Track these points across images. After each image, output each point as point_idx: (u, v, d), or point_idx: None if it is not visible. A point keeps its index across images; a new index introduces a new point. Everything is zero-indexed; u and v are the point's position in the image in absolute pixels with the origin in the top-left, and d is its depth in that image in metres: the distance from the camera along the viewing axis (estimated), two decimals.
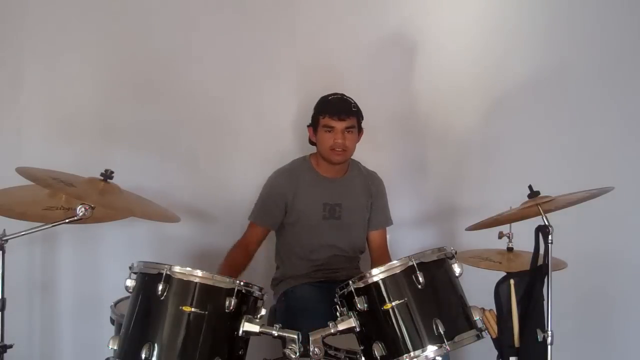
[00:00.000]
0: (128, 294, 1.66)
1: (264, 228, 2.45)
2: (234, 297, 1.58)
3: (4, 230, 1.78)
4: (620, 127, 2.90)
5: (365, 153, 2.58)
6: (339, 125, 2.34)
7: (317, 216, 2.42)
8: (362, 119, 2.43)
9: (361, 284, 1.65)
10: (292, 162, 2.52)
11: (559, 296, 1.72)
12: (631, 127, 2.91)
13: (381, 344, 1.61)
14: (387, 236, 2.59)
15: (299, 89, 2.77)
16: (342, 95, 2.40)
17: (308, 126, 2.46)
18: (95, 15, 2.65)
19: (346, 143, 2.36)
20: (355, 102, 2.39)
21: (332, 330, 1.65)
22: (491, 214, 1.93)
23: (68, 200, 1.91)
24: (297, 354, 1.60)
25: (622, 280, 2.89)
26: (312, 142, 2.47)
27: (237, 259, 2.35)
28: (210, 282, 1.61)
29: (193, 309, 1.57)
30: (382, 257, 2.48)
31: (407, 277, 1.62)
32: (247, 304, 1.65)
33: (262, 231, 2.45)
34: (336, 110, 2.35)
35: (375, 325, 1.64)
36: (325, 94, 2.43)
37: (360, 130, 2.43)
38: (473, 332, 1.64)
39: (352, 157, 2.51)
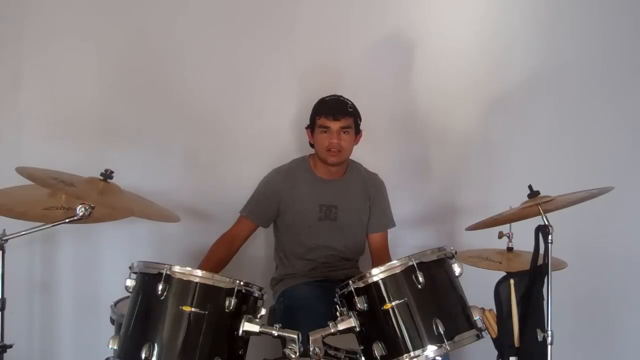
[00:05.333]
0: (128, 294, 1.66)
1: (253, 223, 2.46)
2: (234, 297, 1.58)
3: (4, 230, 1.78)
4: (620, 127, 2.90)
5: (365, 153, 2.59)
6: (334, 125, 2.34)
7: (313, 217, 2.42)
8: (360, 121, 2.43)
9: (361, 284, 1.65)
10: (291, 162, 2.53)
11: (559, 296, 1.72)
12: (631, 127, 2.91)
13: (381, 344, 1.61)
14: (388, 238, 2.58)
15: (298, 89, 2.77)
16: (340, 96, 2.41)
17: (306, 128, 2.46)
18: (95, 16, 2.65)
19: (342, 143, 2.36)
20: (352, 103, 2.40)
21: (332, 330, 1.65)
22: (491, 214, 1.93)
23: (68, 200, 1.91)
24: (297, 354, 1.60)
25: (622, 280, 2.88)
26: (312, 145, 2.47)
27: (220, 254, 2.38)
28: (210, 282, 1.61)
29: (193, 309, 1.57)
30: (382, 260, 2.47)
31: (407, 277, 1.62)
32: (247, 304, 1.65)
33: (251, 226, 2.46)
34: (331, 111, 2.35)
35: (375, 325, 1.63)
36: (325, 94, 2.43)
37: (358, 132, 2.43)
38: (473, 332, 1.64)
39: (353, 159, 2.51)
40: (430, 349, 1.57)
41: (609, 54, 2.89)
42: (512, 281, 1.75)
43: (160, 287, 1.56)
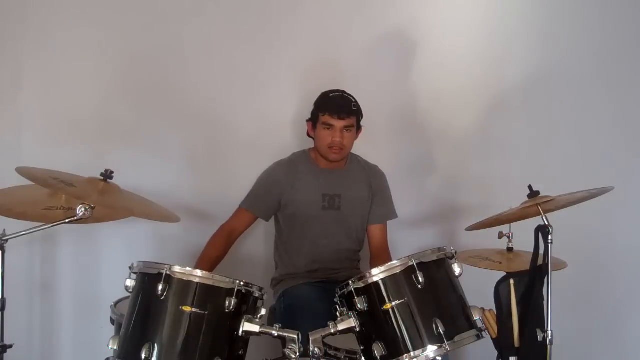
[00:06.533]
0: (128, 294, 1.66)
1: (253, 216, 2.46)
2: (234, 297, 1.58)
3: (4, 230, 1.78)
4: (620, 127, 2.90)
5: (365, 151, 2.59)
6: (338, 124, 2.34)
7: (317, 207, 2.42)
8: (362, 117, 2.43)
9: (361, 284, 1.65)
10: (291, 155, 2.54)
11: (559, 296, 1.72)
12: (631, 127, 2.91)
13: (381, 344, 1.60)
14: (387, 235, 2.58)
15: (299, 87, 2.77)
16: (343, 92, 2.40)
17: (307, 121, 2.46)
18: (94, 15, 2.65)
19: (344, 142, 2.36)
20: (355, 101, 2.39)
21: (332, 330, 1.65)
22: (491, 214, 1.93)
23: (68, 200, 1.91)
24: (297, 354, 1.60)
25: (622, 280, 2.89)
26: (309, 136, 2.47)
27: (218, 250, 2.38)
28: (210, 282, 1.61)
29: (193, 309, 1.57)
30: (381, 254, 2.48)
31: (407, 277, 1.62)
32: (247, 304, 1.65)
33: (250, 218, 2.46)
34: (336, 109, 2.34)
35: (375, 325, 1.63)
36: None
37: (359, 129, 2.44)
38: (473, 332, 1.64)
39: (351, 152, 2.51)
40: (431, 349, 1.57)
41: (609, 53, 2.89)
42: (512, 281, 1.75)
43: (160, 287, 1.56)
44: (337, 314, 1.71)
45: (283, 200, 2.44)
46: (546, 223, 1.74)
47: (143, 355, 1.51)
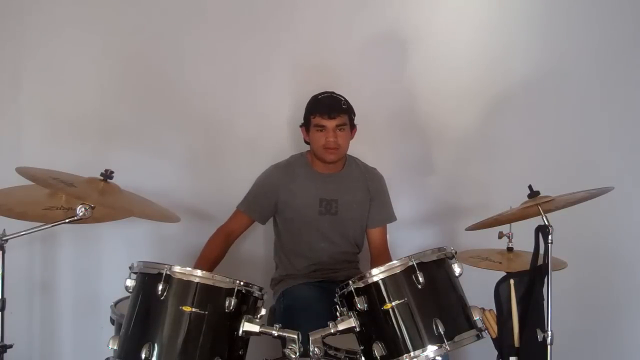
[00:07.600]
0: (128, 294, 1.66)
1: (250, 219, 2.46)
2: (234, 297, 1.59)
3: (4, 230, 1.78)
4: (620, 126, 2.90)
5: (364, 152, 2.59)
6: (330, 123, 2.34)
7: (314, 212, 2.42)
8: (355, 116, 2.43)
9: (361, 284, 1.65)
10: (289, 158, 2.54)
11: (559, 296, 1.72)
12: (631, 127, 2.91)
13: (381, 344, 1.60)
14: (387, 236, 2.58)
15: (297, 87, 2.76)
16: (332, 93, 2.40)
17: (300, 126, 2.46)
18: (94, 16, 2.65)
19: (338, 141, 2.36)
20: (345, 99, 2.39)
21: (332, 330, 1.65)
22: (491, 214, 1.93)
23: (68, 200, 1.91)
24: (297, 354, 1.60)
25: (622, 279, 2.89)
26: (307, 142, 2.48)
27: (216, 252, 2.38)
28: (210, 282, 1.61)
29: (193, 309, 1.57)
30: (381, 256, 2.48)
31: (407, 277, 1.62)
32: (247, 304, 1.65)
33: (247, 221, 2.46)
34: (326, 109, 2.34)
35: (375, 325, 1.63)
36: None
37: (353, 127, 2.43)
38: (473, 332, 1.64)
39: (350, 154, 2.50)
40: (430, 349, 1.57)
41: (609, 52, 2.89)
42: (512, 281, 1.75)
43: (160, 287, 1.56)
44: (337, 314, 1.71)
45: (279, 204, 2.43)
46: (546, 223, 1.74)
47: (143, 355, 1.51)
